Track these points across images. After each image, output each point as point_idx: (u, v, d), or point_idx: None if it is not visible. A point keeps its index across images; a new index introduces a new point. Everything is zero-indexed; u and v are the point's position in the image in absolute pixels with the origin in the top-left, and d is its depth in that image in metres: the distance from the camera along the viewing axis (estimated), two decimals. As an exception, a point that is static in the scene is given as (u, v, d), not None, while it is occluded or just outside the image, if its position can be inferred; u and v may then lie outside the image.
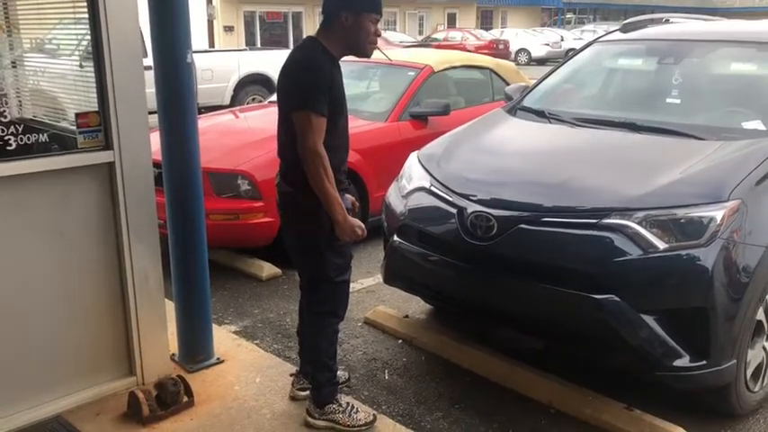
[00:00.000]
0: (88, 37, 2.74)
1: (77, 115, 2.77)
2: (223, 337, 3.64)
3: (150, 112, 2.89)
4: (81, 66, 2.88)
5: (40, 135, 2.71)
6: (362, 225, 2.66)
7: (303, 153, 2.53)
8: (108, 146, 2.83)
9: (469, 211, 3.08)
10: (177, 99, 3.03)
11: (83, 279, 2.87)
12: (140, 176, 2.91)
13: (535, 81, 4.57)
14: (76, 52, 2.98)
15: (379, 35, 2.73)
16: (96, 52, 2.74)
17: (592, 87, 4.47)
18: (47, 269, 2.76)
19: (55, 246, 2.77)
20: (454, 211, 3.15)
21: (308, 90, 2.54)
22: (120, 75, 2.76)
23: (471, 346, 3.54)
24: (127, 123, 2.83)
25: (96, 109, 2.80)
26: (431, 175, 3.46)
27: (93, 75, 2.77)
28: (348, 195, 2.79)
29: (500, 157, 3.58)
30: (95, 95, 2.79)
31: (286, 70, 2.66)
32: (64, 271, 2.81)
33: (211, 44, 21.36)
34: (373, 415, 2.87)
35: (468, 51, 13.98)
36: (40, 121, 2.80)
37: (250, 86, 10.95)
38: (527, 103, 4.17)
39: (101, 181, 2.86)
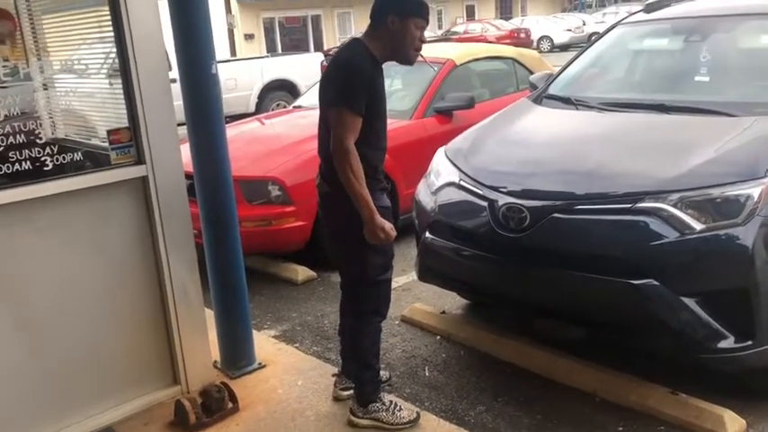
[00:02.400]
0: (114, 54, 2.80)
1: (109, 132, 2.83)
2: (263, 342, 3.69)
3: (179, 124, 2.94)
4: (110, 83, 2.94)
5: (75, 154, 2.77)
6: (392, 226, 2.64)
7: (333, 149, 2.55)
8: (140, 160, 2.88)
9: (501, 203, 3.07)
10: (205, 109, 3.08)
11: (124, 292, 2.93)
12: (173, 188, 2.96)
13: (559, 68, 4.52)
14: (104, 70, 3.04)
15: (425, 42, 2.74)
16: (123, 69, 2.79)
17: (618, 71, 4.41)
18: (89, 285, 2.83)
19: (95, 261, 2.83)
20: (485, 204, 3.14)
21: (346, 87, 2.57)
22: (148, 89, 2.81)
23: (510, 339, 3.53)
24: (157, 137, 2.88)
25: (127, 125, 2.86)
26: (459, 169, 3.45)
27: (121, 91, 2.82)
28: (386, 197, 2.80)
29: (528, 147, 3.55)
30: (125, 111, 2.85)
31: (328, 69, 2.71)
32: (105, 285, 2.87)
33: (233, 53, 21.56)
34: (417, 412, 2.88)
35: (490, 42, 13.90)
36: (73, 140, 2.86)
37: (274, 92, 11.04)
38: (552, 90, 4.14)
39: (135, 195, 2.92)
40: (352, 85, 2.56)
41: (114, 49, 2.78)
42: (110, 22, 2.75)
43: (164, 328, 3.07)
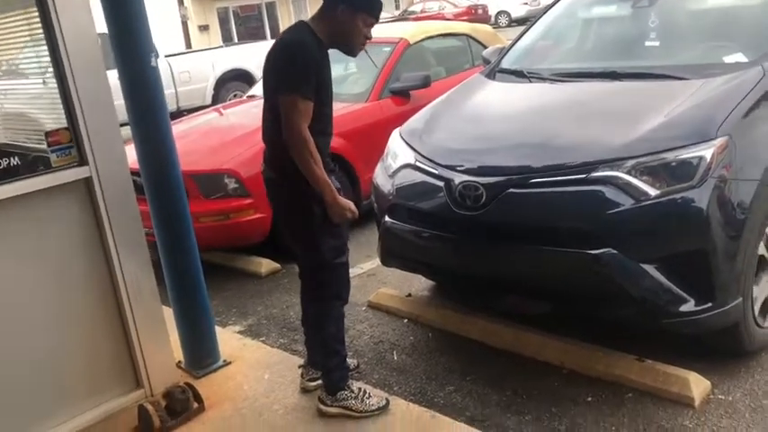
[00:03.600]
0: (47, 55, 2.69)
1: (47, 134, 2.71)
2: (228, 339, 3.62)
3: (123, 124, 2.84)
4: (44, 83, 2.83)
5: (11, 159, 2.65)
6: (353, 206, 2.65)
7: (289, 137, 2.51)
8: (83, 161, 2.78)
9: (457, 182, 3.03)
10: (147, 104, 2.97)
11: (75, 298, 2.83)
12: (120, 188, 2.86)
13: (511, 41, 4.49)
14: (39, 71, 2.92)
15: (370, 39, 2.71)
16: (57, 69, 2.68)
17: (569, 40, 4.40)
18: (36, 293, 2.72)
19: (42, 268, 2.73)
20: (441, 184, 3.11)
21: (296, 73, 2.51)
22: (85, 87, 2.70)
23: (477, 318, 3.51)
24: (99, 137, 2.77)
25: (66, 125, 2.75)
26: (415, 150, 3.41)
27: (57, 92, 2.71)
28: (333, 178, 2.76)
29: (483, 123, 3.52)
30: (63, 112, 2.74)
31: (273, 52, 2.64)
32: (55, 292, 2.77)
33: (188, 45, 21.16)
34: (386, 399, 2.85)
35: (448, 20, 13.84)
36: (9, 144, 2.74)
37: (230, 83, 10.86)
38: (505, 64, 4.10)
39: (80, 197, 2.81)
40: (301, 70, 2.50)
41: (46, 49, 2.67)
42: (38, 22, 2.63)
43: (121, 332, 2.98)
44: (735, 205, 2.71)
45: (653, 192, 2.67)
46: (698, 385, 2.78)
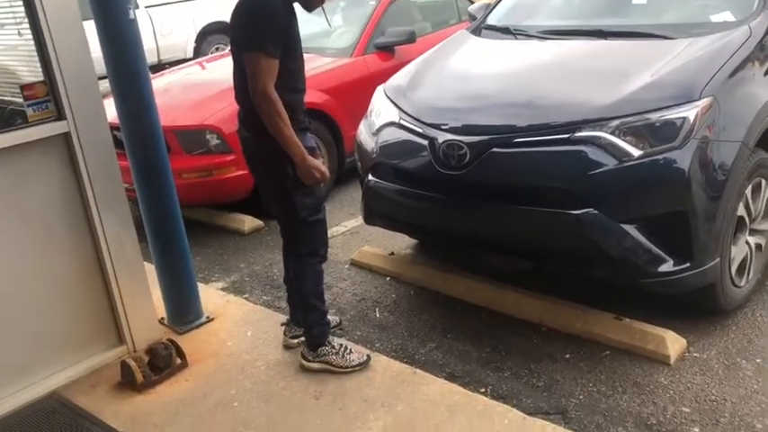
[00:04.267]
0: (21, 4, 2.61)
1: (22, 87, 2.66)
2: (211, 295, 3.63)
3: (100, 78, 2.78)
4: (19, 33, 2.75)
5: (-13, 113, 2.60)
6: (323, 168, 2.63)
7: (254, 96, 2.48)
8: (60, 116, 2.73)
9: (441, 140, 3.02)
10: (125, 57, 2.91)
11: (55, 254, 2.81)
12: (99, 143, 2.83)
13: (498, -3, 4.42)
14: (14, 22, 2.84)
15: None
16: (32, 19, 2.60)
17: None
18: (17, 249, 2.70)
19: (21, 224, 2.70)
20: (425, 142, 3.09)
21: (260, 31, 2.47)
22: (61, 40, 2.64)
23: (458, 276, 3.54)
24: (76, 90, 2.72)
25: (42, 79, 2.69)
26: (399, 108, 3.38)
27: (32, 44, 2.64)
28: (311, 135, 2.74)
29: (467, 81, 3.48)
30: (39, 65, 2.67)
31: (238, 11, 2.58)
32: (36, 249, 2.75)
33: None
34: (367, 355, 2.88)
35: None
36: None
37: (212, 36, 10.61)
38: (491, 21, 4.05)
39: (59, 152, 2.77)
40: (266, 29, 2.46)
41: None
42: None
43: (103, 288, 2.98)
44: (716, 167, 2.72)
45: (636, 152, 2.68)
46: (674, 343, 2.84)
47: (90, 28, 2.70)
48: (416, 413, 2.53)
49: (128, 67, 2.92)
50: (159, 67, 9.08)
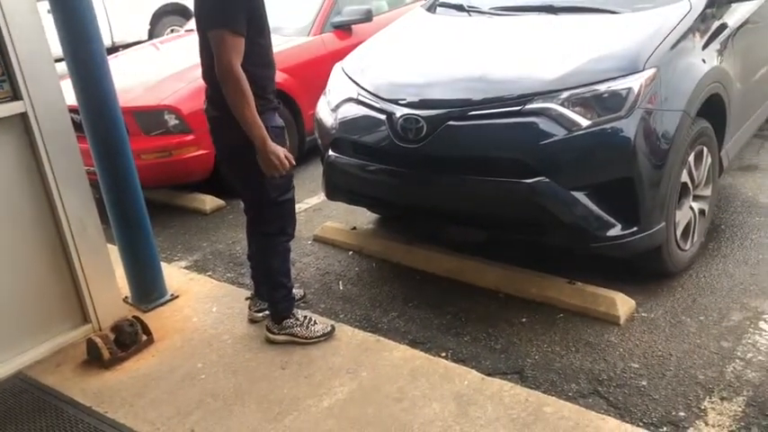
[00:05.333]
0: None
1: (-24, 67, 2.65)
2: (174, 274, 3.66)
3: (57, 60, 2.77)
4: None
5: (-60, 94, 2.58)
6: (287, 154, 2.59)
7: (219, 74, 2.46)
8: (16, 96, 2.72)
9: (398, 115, 3.09)
10: (81, 36, 2.90)
11: (16, 235, 2.82)
12: (57, 123, 2.83)
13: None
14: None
15: None
16: (-19, -2, 2.58)
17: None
18: (-23, 230, 2.70)
19: (-20, 206, 2.70)
20: (383, 117, 3.16)
21: (225, 8, 2.44)
22: (13, 19, 2.63)
23: (419, 248, 3.63)
24: (32, 70, 2.72)
25: (-4, 58, 2.68)
26: (357, 84, 3.43)
27: (-16, 22, 2.62)
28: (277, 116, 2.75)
29: (423, 57, 3.55)
30: (-8, 43, 2.66)
31: None
32: (-4, 230, 2.76)
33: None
34: (331, 326, 2.96)
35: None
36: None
37: (167, 17, 10.45)
38: (445, -2, 4.11)
39: (17, 134, 2.77)
40: (231, 5, 2.43)
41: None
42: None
43: (66, 268, 3.00)
44: (659, 135, 2.85)
45: (584, 122, 2.79)
46: (623, 304, 2.98)
47: (42, 9, 2.69)
48: (380, 378, 2.62)
49: (84, 47, 2.91)
50: (113, 49, 8.92)
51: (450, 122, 2.96)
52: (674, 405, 2.42)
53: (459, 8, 3.89)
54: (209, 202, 4.70)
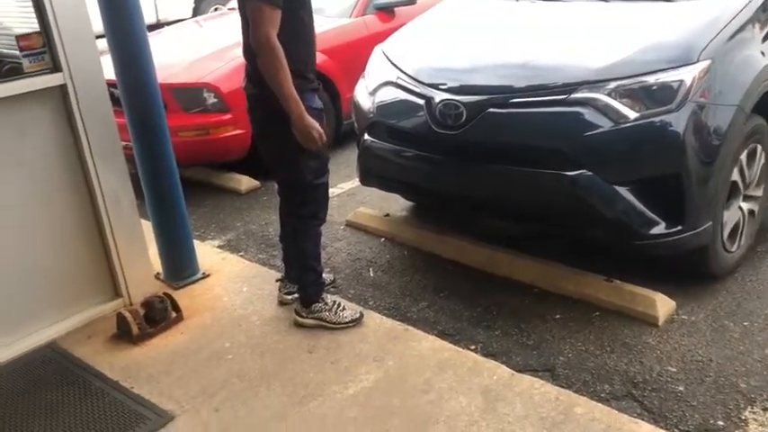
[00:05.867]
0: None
1: (18, 38, 2.66)
2: (207, 252, 3.66)
3: (98, 36, 2.76)
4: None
5: (-18, 63, 2.60)
6: (320, 129, 2.55)
7: (255, 44, 2.42)
8: (56, 68, 2.73)
9: (437, 100, 3.01)
10: (123, 14, 2.89)
11: (53, 206, 2.83)
12: (96, 96, 2.83)
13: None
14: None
15: None
16: (26, -32, 2.58)
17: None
18: (13, 201, 2.72)
19: (17, 176, 2.72)
20: (422, 102, 3.08)
21: None
22: (57, -9, 2.62)
23: (452, 237, 3.56)
24: (73, 42, 2.72)
25: (38, 29, 2.67)
26: (396, 67, 3.36)
27: (29, -7, 2.63)
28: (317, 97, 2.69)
29: (466, 41, 3.46)
30: (34, 14, 2.66)
31: None
32: (32, 200, 2.77)
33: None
34: (360, 312, 2.92)
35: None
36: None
37: (211, -5, 10.52)
38: (492, -18, 4.00)
39: (55, 105, 2.78)
40: None
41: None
42: None
43: (100, 241, 3.01)
44: (711, 131, 2.73)
45: (632, 114, 2.68)
46: (663, 305, 2.87)
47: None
48: (407, 368, 2.57)
49: (125, 24, 2.90)
50: (157, 25, 8.99)
51: (491, 109, 2.87)
52: (712, 413, 2.32)
53: (506, -8, 3.79)
54: (245, 182, 4.69)
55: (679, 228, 2.75)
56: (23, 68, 2.67)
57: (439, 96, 3.01)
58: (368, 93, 3.46)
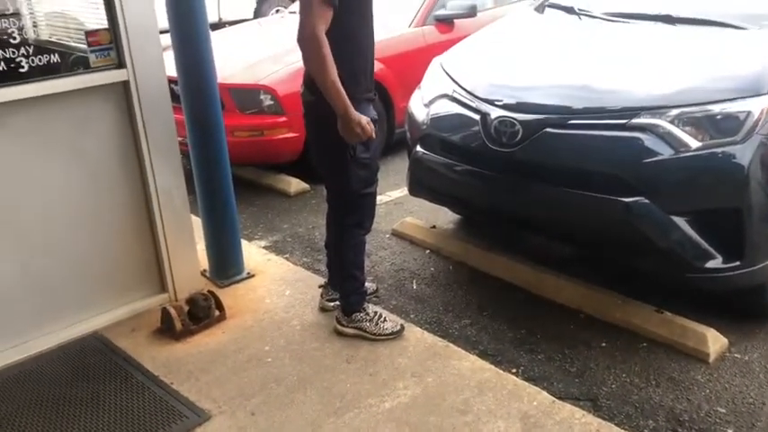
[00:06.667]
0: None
1: (87, 33, 2.72)
2: (253, 253, 3.69)
3: (163, 31, 2.82)
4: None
5: (52, 56, 2.66)
6: (365, 123, 2.48)
7: (301, 37, 2.38)
8: (121, 64, 2.79)
9: (493, 116, 2.98)
10: (188, 12, 2.94)
11: (107, 199, 2.89)
12: (156, 93, 2.87)
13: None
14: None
15: None
16: (100, -34, 2.65)
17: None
18: (71, 191, 2.79)
19: (76, 167, 2.78)
20: (477, 117, 3.05)
21: None
22: (127, -9, 2.68)
23: (499, 254, 3.52)
24: (138, 39, 2.77)
25: (106, 26, 2.74)
26: (454, 80, 3.34)
27: (99, -10, 2.69)
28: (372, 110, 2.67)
29: (525, 58, 3.41)
30: (104, 11, 2.72)
31: None
32: (88, 192, 2.83)
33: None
34: (401, 325, 2.90)
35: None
36: (50, 41, 2.74)
37: (273, -2, 10.67)
38: (555, -1, 3.95)
39: (117, 100, 2.83)
40: None
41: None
42: None
43: (150, 236, 3.06)
44: (777, 166, 2.63)
45: (694, 143, 2.60)
46: (715, 342, 2.77)
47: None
48: (446, 386, 2.54)
49: (189, 23, 2.95)
50: (219, 25, 9.16)
51: (548, 129, 2.82)
52: (761, 460, 2.23)
53: (569, 10, 3.72)
54: (295, 184, 4.73)
55: (736, 263, 2.65)
56: (90, 63, 2.74)
57: (495, 113, 2.98)
58: (423, 104, 3.44)
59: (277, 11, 10.42)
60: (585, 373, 2.70)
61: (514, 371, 2.71)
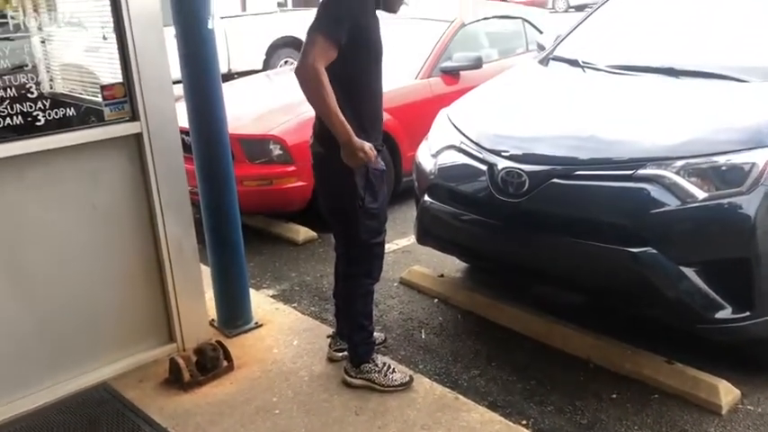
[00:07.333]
0: (108, 8, 2.74)
1: (102, 87, 2.79)
2: (261, 302, 3.69)
3: (175, 82, 2.88)
4: (104, 38, 2.88)
5: (68, 109, 2.72)
6: (367, 148, 2.50)
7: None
8: (135, 117, 2.84)
9: (500, 167, 3.01)
10: (201, 65, 3.02)
11: (118, 250, 2.92)
12: (168, 145, 2.93)
13: (568, 28, 4.40)
14: (99, 25, 2.97)
15: None
16: (117, 23, 2.73)
17: (628, 32, 4.28)
18: (82, 241, 2.81)
19: (89, 218, 2.82)
20: (484, 168, 3.09)
21: (327, 14, 2.44)
22: (142, 44, 2.76)
23: (507, 304, 3.51)
24: (152, 93, 2.83)
25: (121, 80, 2.81)
26: (460, 132, 3.39)
27: (115, 46, 2.76)
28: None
29: (532, 110, 3.47)
30: (119, 67, 2.80)
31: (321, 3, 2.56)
32: (99, 242, 2.86)
33: (243, 8, 21.18)
34: (410, 376, 2.88)
35: (505, 1, 13.58)
36: (66, 95, 2.81)
37: (282, 49, 10.87)
38: (559, 52, 4.03)
39: (130, 152, 2.88)
40: (335, 13, 2.43)
41: (108, 3, 2.72)
42: (102, -25, 2.68)
43: (159, 286, 3.07)
44: (784, 216, 2.64)
45: (700, 194, 2.62)
46: (727, 393, 2.74)
47: (168, 34, 2.81)
48: (455, 439, 2.51)
49: (202, 74, 3.02)
50: (229, 76, 9.35)
51: (555, 180, 2.85)
52: None
53: (574, 63, 3.80)
54: (303, 233, 4.76)
55: (747, 314, 2.64)
56: (104, 116, 2.79)
57: (502, 163, 3.01)
58: (430, 155, 3.49)
59: (286, 61, 10.64)
60: (596, 425, 2.67)
61: (524, 423, 2.68)
